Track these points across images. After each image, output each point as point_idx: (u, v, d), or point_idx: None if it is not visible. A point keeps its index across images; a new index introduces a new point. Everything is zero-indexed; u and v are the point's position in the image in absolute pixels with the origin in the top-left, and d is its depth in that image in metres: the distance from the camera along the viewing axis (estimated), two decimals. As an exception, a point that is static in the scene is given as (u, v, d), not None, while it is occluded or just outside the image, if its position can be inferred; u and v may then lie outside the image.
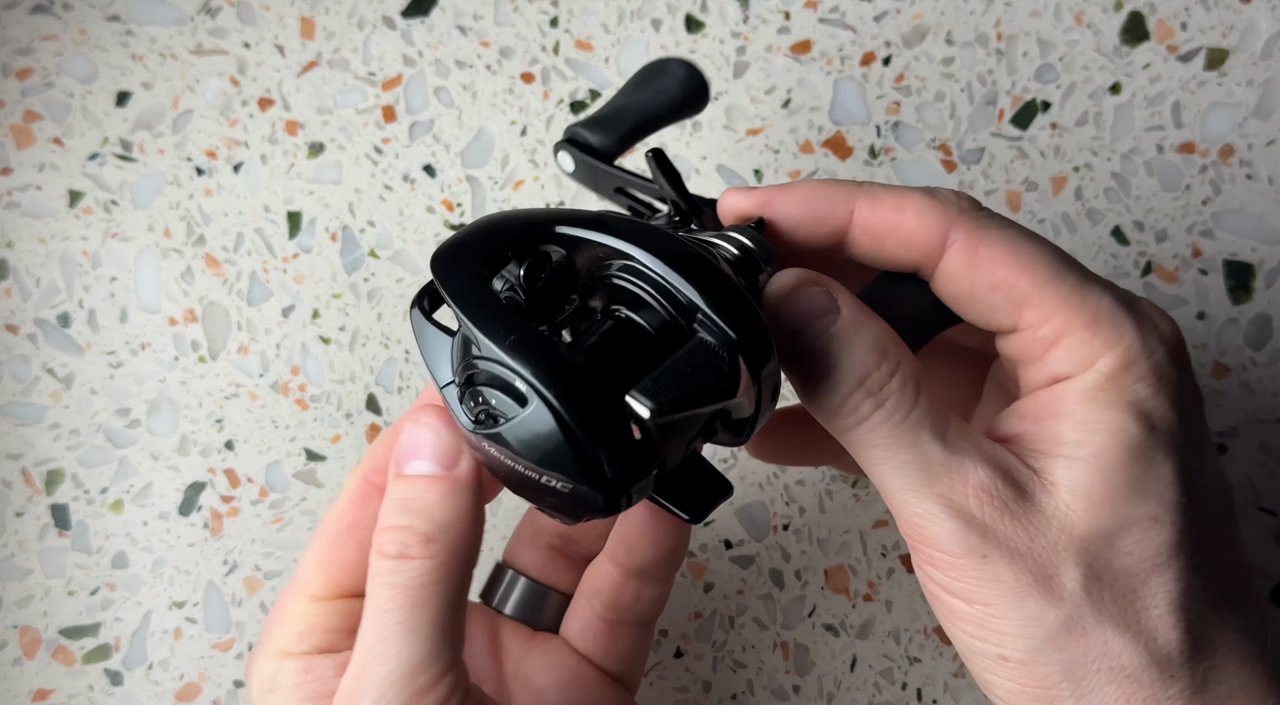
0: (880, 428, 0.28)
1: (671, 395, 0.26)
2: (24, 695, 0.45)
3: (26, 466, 0.47)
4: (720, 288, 0.28)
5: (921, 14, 0.49)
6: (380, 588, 0.29)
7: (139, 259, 0.48)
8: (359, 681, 0.29)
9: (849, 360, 0.28)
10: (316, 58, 0.50)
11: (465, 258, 0.29)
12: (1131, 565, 0.27)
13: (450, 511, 0.29)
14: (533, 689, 0.36)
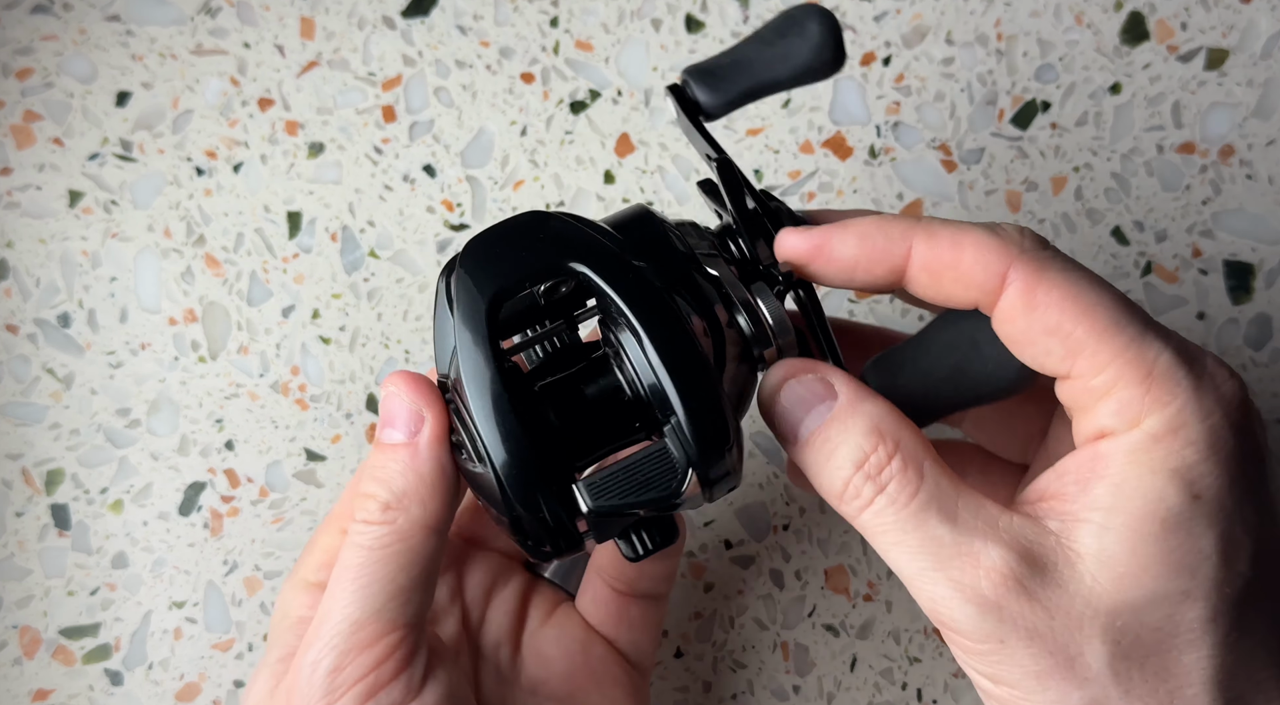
0: (885, 513, 0.28)
1: (613, 501, 0.29)
2: (24, 695, 0.45)
3: (26, 466, 0.47)
4: (703, 402, 0.29)
5: (921, 14, 0.49)
6: (345, 548, 0.31)
7: (139, 259, 0.48)
8: (311, 631, 0.31)
9: (846, 445, 0.28)
10: (316, 58, 0.50)
11: (484, 276, 0.30)
12: (1162, 641, 0.26)
13: (407, 480, 0.31)
14: (542, 659, 0.37)
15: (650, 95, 0.49)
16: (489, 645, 0.37)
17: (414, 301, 0.48)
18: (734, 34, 0.49)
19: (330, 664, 0.30)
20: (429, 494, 0.31)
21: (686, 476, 0.29)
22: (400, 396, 0.31)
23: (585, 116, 0.49)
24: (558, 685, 0.37)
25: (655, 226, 0.32)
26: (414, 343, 0.47)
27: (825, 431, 0.29)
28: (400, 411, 0.31)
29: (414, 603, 0.31)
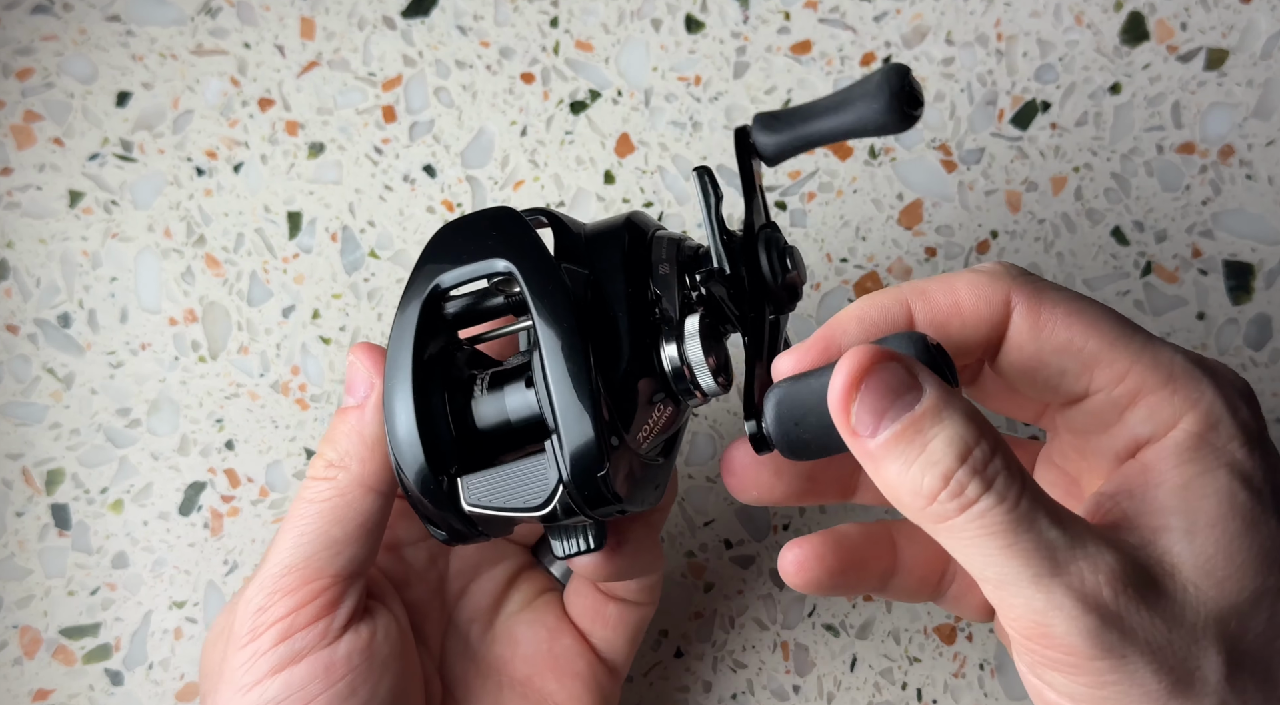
0: (991, 513, 0.24)
1: (485, 501, 0.30)
2: (24, 695, 0.45)
3: (26, 466, 0.47)
4: (578, 425, 0.29)
5: (921, 14, 0.49)
6: (293, 502, 0.33)
7: (139, 259, 0.48)
8: (257, 573, 0.33)
9: (945, 435, 0.25)
10: (316, 58, 0.50)
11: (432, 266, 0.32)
12: (1266, 643, 0.25)
13: (350, 441, 0.33)
14: (511, 640, 0.38)
15: (650, 95, 0.49)
16: (463, 617, 0.38)
17: (414, 301, 0.48)
18: (733, 34, 0.49)
19: (258, 603, 0.32)
20: (368, 454, 0.32)
21: (556, 492, 0.30)
22: (357, 365, 0.33)
23: (585, 116, 0.49)
24: (518, 667, 0.37)
25: (621, 235, 0.33)
26: (414, 343, 0.47)
27: (918, 423, 0.25)
28: (357, 379, 0.33)
29: (345, 556, 0.32)
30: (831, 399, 0.26)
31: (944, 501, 0.25)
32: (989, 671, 0.44)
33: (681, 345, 0.31)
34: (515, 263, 0.31)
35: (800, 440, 0.28)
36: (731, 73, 0.49)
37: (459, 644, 0.38)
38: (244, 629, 0.32)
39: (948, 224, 0.48)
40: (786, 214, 0.48)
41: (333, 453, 0.33)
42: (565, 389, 0.29)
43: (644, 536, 0.36)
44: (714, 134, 0.49)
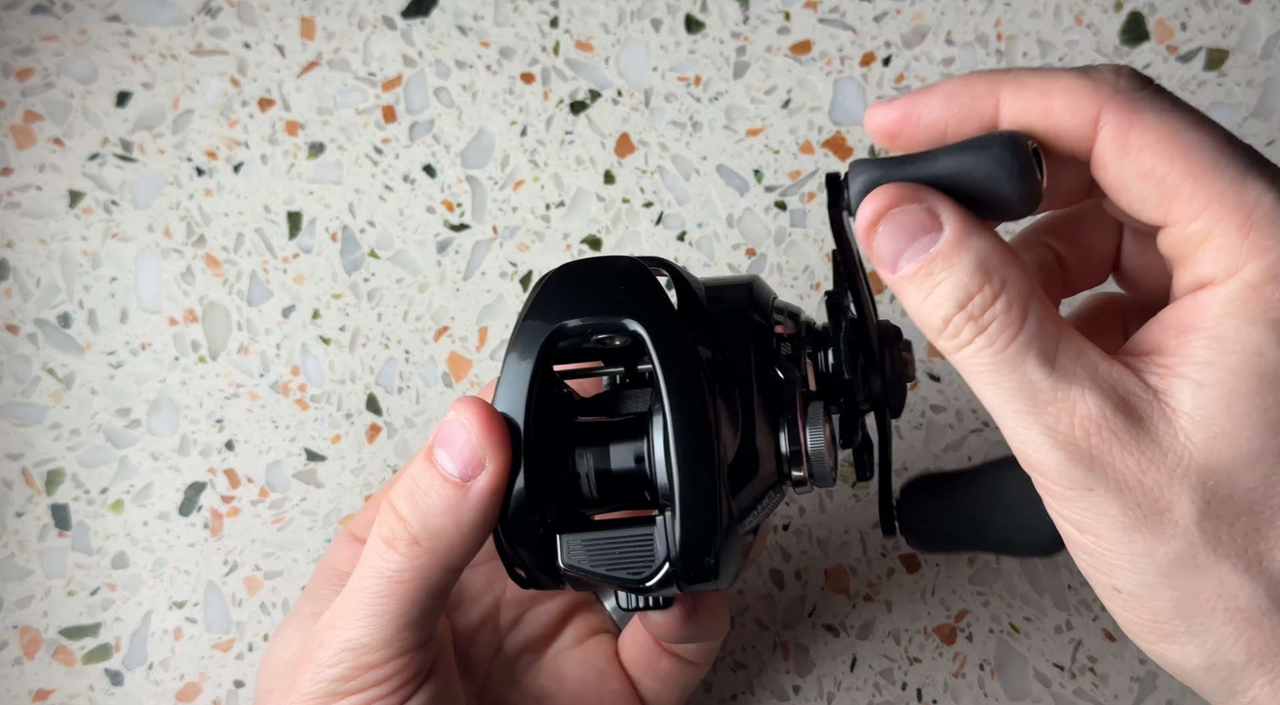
0: (981, 354, 0.26)
1: (584, 567, 0.30)
2: (24, 695, 0.45)
3: (27, 466, 0.47)
4: (699, 510, 0.29)
5: (921, 14, 0.49)
6: (365, 560, 0.31)
7: (139, 259, 0.48)
8: (324, 633, 0.31)
9: (951, 281, 0.27)
10: (316, 58, 0.50)
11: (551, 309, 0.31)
12: (1256, 502, 0.25)
13: (445, 521, 0.30)
14: (558, 676, 0.37)
15: (650, 95, 0.49)
16: (513, 646, 0.37)
17: (414, 301, 0.48)
18: (733, 34, 0.49)
19: (336, 673, 0.31)
20: (461, 541, 0.30)
21: (660, 570, 0.29)
22: (468, 433, 0.30)
23: (585, 116, 0.49)
24: (561, 704, 0.37)
25: (745, 302, 0.32)
26: (414, 343, 0.47)
27: (929, 266, 0.27)
28: (462, 445, 0.30)
29: (421, 628, 0.31)
30: (857, 229, 0.28)
31: (946, 338, 0.27)
32: (989, 671, 0.44)
33: (804, 431, 0.31)
34: (646, 328, 0.30)
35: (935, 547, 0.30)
36: (731, 73, 0.49)
37: (505, 672, 0.37)
38: (318, 690, 0.31)
39: (948, 224, 0.48)
40: (787, 214, 0.48)
41: (419, 526, 0.30)
42: (690, 473, 0.29)
43: (717, 602, 0.36)
44: (714, 134, 0.49)
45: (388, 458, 0.47)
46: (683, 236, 0.48)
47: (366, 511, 0.37)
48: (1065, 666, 0.44)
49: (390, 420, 0.47)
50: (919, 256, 0.27)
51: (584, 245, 0.48)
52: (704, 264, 0.48)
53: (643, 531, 0.30)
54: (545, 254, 0.48)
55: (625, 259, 0.31)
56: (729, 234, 0.48)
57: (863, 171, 0.28)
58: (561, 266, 0.31)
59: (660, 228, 0.48)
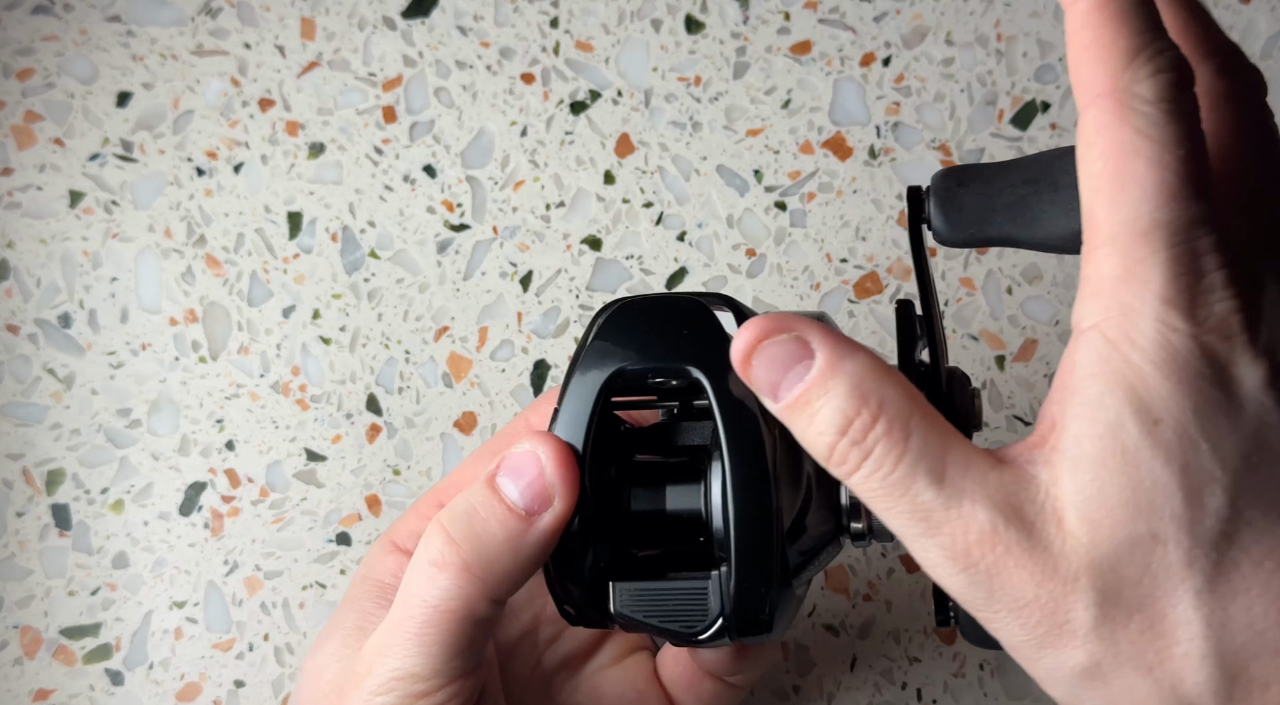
0: (871, 479, 0.26)
1: (637, 616, 0.30)
2: (24, 695, 0.45)
3: (27, 466, 0.47)
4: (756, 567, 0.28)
5: (921, 14, 0.49)
6: (412, 584, 0.30)
7: (139, 259, 0.48)
8: (373, 660, 0.31)
9: (828, 408, 0.26)
10: (317, 58, 0.50)
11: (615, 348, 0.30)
12: (1142, 597, 0.24)
13: (501, 552, 0.30)
14: (596, 694, 0.37)
15: (650, 95, 0.49)
16: (550, 662, 0.37)
17: (414, 302, 0.48)
18: (733, 34, 0.49)
19: (388, 702, 0.31)
20: (513, 575, 0.30)
21: (714, 625, 0.29)
22: (537, 461, 0.30)
23: (585, 117, 0.49)
24: None
25: None
26: (414, 343, 0.47)
27: (806, 396, 0.26)
28: (534, 477, 0.30)
29: (470, 656, 0.31)
30: (733, 362, 0.27)
31: (835, 465, 0.26)
32: (989, 671, 0.44)
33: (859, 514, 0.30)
34: (708, 378, 0.29)
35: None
36: (731, 73, 0.49)
37: (541, 688, 0.37)
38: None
39: (947, 224, 0.48)
40: (787, 214, 0.48)
41: (473, 554, 0.30)
42: (747, 529, 0.28)
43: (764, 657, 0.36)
44: (714, 134, 0.49)
45: (388, 458, 0.47)
46: (683, 237, 0.48)
47: (408, 520, 0.36)
48: (1065, 666, 0.44)
49: (390, 420, 0.47)
50: (795, 386, 0.26)
51: (584, 245, 0.48)
52: (704, 264, 0.48)
53: (697, 586, 0.29)
54: (545, 254, 0.48)
55: (689, 299, 0.30)
56: (729, 234, 0.48)
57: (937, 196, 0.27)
58: (623, 303, 0.31)
59: (660, 228, 0.48)
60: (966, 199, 0.28)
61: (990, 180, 0.27)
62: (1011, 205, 0.27)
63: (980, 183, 0.27)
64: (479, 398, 0.47)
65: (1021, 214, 0.27)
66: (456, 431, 0.47)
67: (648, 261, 0.48)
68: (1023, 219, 0.27)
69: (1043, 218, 0.26)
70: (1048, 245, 0.26)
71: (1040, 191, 0.26)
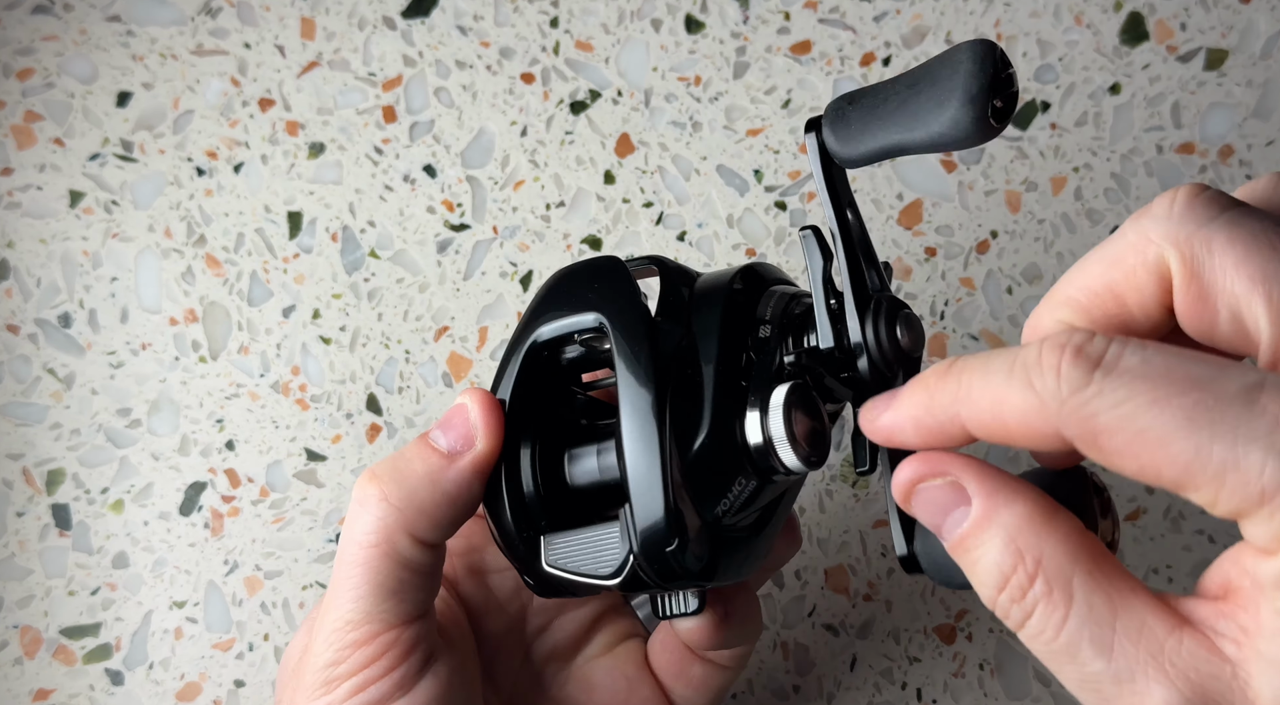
0: (1035, 641, 0.24)
1: (562, 564, 0.30)
2: (24, 695, 0.45)
3: (27, 466, 0.47)
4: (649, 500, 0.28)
5: (921, 14, 0.49)
6: (343, 529, 0.31)
7: (139, 259, 0.48)
8: (318, 616, 0.32)
9: (985, 560, 0.25)
10: (317, 58, 0.50)
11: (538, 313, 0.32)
12: None
13: (419, 485, 0.31)
14: (587, 684, 0.37)
15: (650, 95, 0.49)
16: (540, 653, 0.37)
17: (414, 301, 0.48)
18: (733, 34, 0.49)
19: (328, 658, 0.31)
20: (431, 509, 0.31)
21: (626, 563, 0.29)
22: (466, 412, 0.31)
23: (585, 116, 0.49)
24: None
25: (726, 290, 0.31)
26: (414, 343, 0.47)
27: (964, 543, 0.25)
28: (458, 423, 0.31)
29: (408, 601, 0.31)
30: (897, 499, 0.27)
31: (1001, 616, 0.25)
32: (989, 671, 0.44)
33: (765, 418, 0.30)
34: (608, 318, 0.30)
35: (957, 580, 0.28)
36: (731, 73, 0.49)
37: (531, 681, 0.37)
38: (317, 681, 0.31)
39: (947, 224, 0.48)
40: (787, 214, 0.48)
41: (392, 485, 0.31)
42: (637, 459, 0.28)
43: (749, 607, 0.35)
44: (714, 134, 0.49)
45: (388, 458, 0.47)
46: (683, 236, 0.48)
47: None
48: (1065, 666, 0.44)
49: (390, 420, 0.47)
50: (955, 531, 0.25)
51: (584, 245, 0.48)
52: (704, 264, 0.48)
53: (608, 527, 0.29)
54: (545, 254, 0.48)
55: (607, 258, 0.31)
56: (729, 234, 0.48)
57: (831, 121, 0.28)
58: (555, 273, 0.32)
59: (660, 228, 0.48)
60: (855, 114, 0.28)
61: (877, 92, 0.28)
62: (896, 111, 0.27)
63: (868, 97, 0.28)
64: (479, 397, 0.47)
65: (906, 118, 0.26)
66: (456, 431, 0.47)
67: (648, 261, 0.48)
68: (907, 122, 0.26)
69: (923, 114, 0.26)
70: (935, 144, 0.26)
71: (920, 91, 0.26)
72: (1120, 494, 0.45)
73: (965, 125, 0.25)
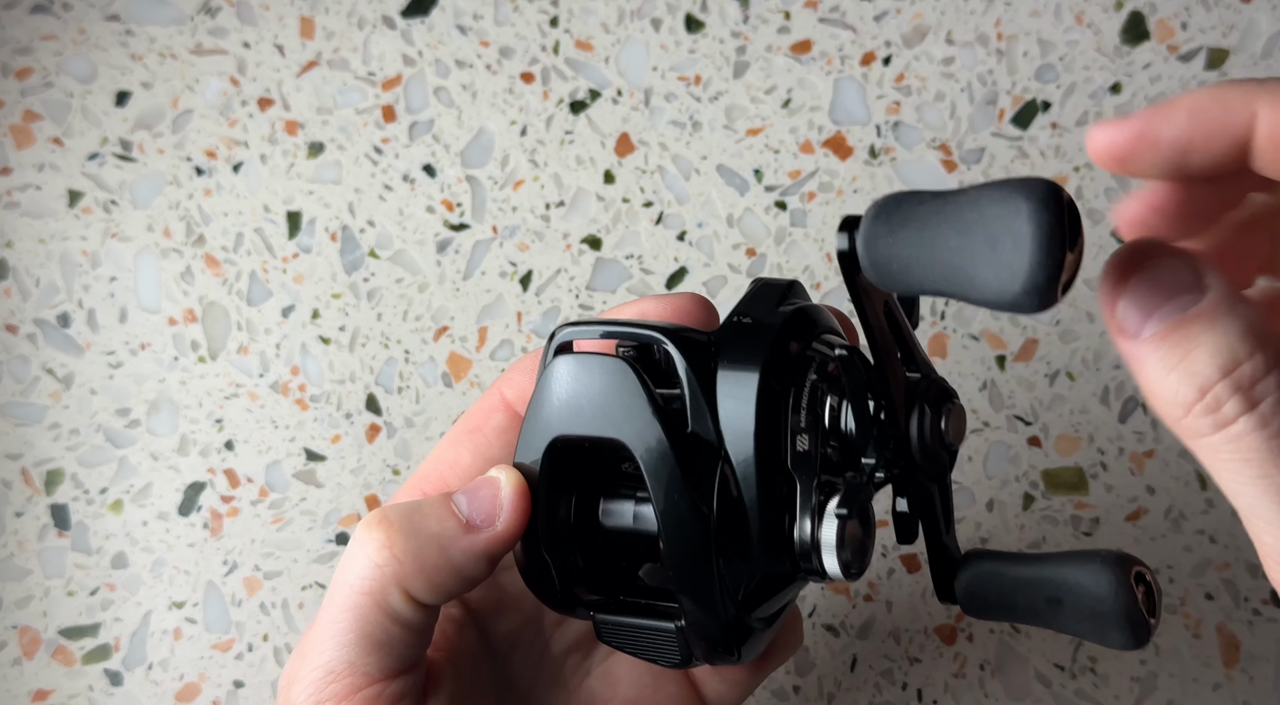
0: (1247, 438, 0.22)
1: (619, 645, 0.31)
2: (24, 695, 0.45)
3: (26, 466, 0.47)
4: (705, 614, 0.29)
5: (921, 14, 0.49)
6: (340, 566, 0.30)
7: (139, 259, 0.48)
8: (302, 656, 0.30)
9: (1212, 344, 0.22)
10: (316, 57, 0.50)
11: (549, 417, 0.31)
12: None
13: (427, 545, 0.29)
14: (610, 678, 0.35)
15: (650, 95, 0.49)
16: (560, 646, 0.36)
17: (414, 301, 0.48)
18: (733, 33, 0.49)
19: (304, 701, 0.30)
20: (433, 572, 0.29)
21: (686, 658, 0.30)
22: (496, 486, 0.30)
23: (585, 116, 0.49)
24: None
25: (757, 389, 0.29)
26: (414, 343, 0.47)
27: (1187, 327, 0.22)
28: (486, 496, 0.30)
29: (394, 656, 0.30)
30: (1101, 290, 0.24)
31: (1199, 415, 0.22)
32: (989, 671, 0.44)
33: (817, 528, 0.29)
34: (629, 445, 0.29)
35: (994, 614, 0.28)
36: (731, 72, 0.49)
37: (551, 676, 0.35)
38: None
39: (948, 224, 0.48)
40: (787, 213, 0.48)
41: (400, 537, 0.29)
42: (692, 589, 0.29)
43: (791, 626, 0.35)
44: (714, 134, 0.49)
45: (387, 457, 0.47)
46: (683, 236, 0.48)
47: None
48: (1065, 666, 0.44)
49: (390, 420, 0.47)
50: (1174, 316, 0.23)
51: (584, 245, 0.48)
52: (704, 264, 0.48)
53: (664, 628, 0.30)
54: (545, 253, 0.48)
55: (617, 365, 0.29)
56: (729, 234, 0.48)
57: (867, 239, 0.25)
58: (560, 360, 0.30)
59: (660, 227, 0.48)
60: (896, 249, 0.25)
61: (923, 228, 0.25)
62: (944, 261, 0.24)
63: (912, 230, 0.25)
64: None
65: (955, 273, 0.24)
66: (456, 431, 0.47)
67: (648, 261, 0.48)
68: (956, 278, 0.24)
69: (977, 280, 0.23)
70: (983, 304, 0.25)
71: (975, 249, 0.23)
72: (1120, 495, 0.45)
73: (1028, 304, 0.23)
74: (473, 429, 0.33)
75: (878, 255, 0.25)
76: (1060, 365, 0.46)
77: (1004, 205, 0.23)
